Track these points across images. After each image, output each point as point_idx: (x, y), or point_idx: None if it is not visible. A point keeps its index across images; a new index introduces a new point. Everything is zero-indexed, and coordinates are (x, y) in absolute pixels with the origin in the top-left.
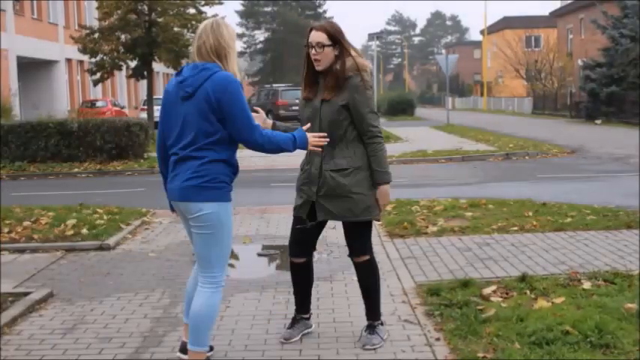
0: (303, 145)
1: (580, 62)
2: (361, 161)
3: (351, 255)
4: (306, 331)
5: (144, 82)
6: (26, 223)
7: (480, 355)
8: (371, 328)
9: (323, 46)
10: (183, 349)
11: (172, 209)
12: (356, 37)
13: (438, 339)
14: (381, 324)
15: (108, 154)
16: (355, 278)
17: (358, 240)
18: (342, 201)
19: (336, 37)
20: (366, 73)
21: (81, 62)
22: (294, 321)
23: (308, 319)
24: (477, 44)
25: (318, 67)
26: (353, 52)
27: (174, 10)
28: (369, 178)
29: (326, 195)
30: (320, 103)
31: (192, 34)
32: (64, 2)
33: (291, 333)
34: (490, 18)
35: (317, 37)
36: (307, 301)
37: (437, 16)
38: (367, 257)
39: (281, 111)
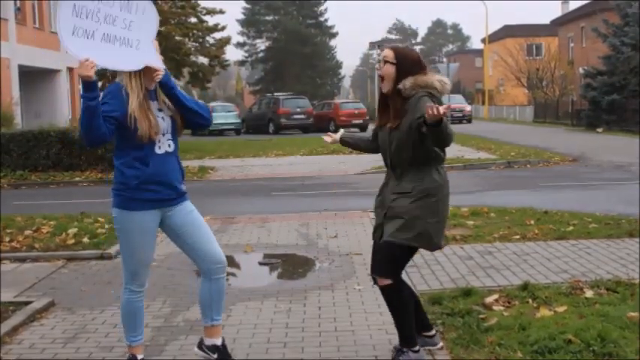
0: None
1: (581, 70)
2: (430, 187)
3: (373, 274)
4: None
5: None
6: (27, 232)
7: None
8: (396, 353)
9: (386, 62)
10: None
11: None
12: (357, 46)
13: (440, 348)
14: (414, 351)
15: (109, 162)
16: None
17: (383, 258)
18: (396, 222)
19: (401, 59)
20: (434, 90)
21: None
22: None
23: (431, 337)
24: (479, 52)
25: (383, 87)
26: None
27: (176, 19)
28: (436, 205)
29: (389, 217)
30: (389, 131)
31: (194, 43)
32: None
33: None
34: (491, 26)
35: (385, 53)
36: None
37: (438, 24)
38: (389, 281)
39: (282, 120)
